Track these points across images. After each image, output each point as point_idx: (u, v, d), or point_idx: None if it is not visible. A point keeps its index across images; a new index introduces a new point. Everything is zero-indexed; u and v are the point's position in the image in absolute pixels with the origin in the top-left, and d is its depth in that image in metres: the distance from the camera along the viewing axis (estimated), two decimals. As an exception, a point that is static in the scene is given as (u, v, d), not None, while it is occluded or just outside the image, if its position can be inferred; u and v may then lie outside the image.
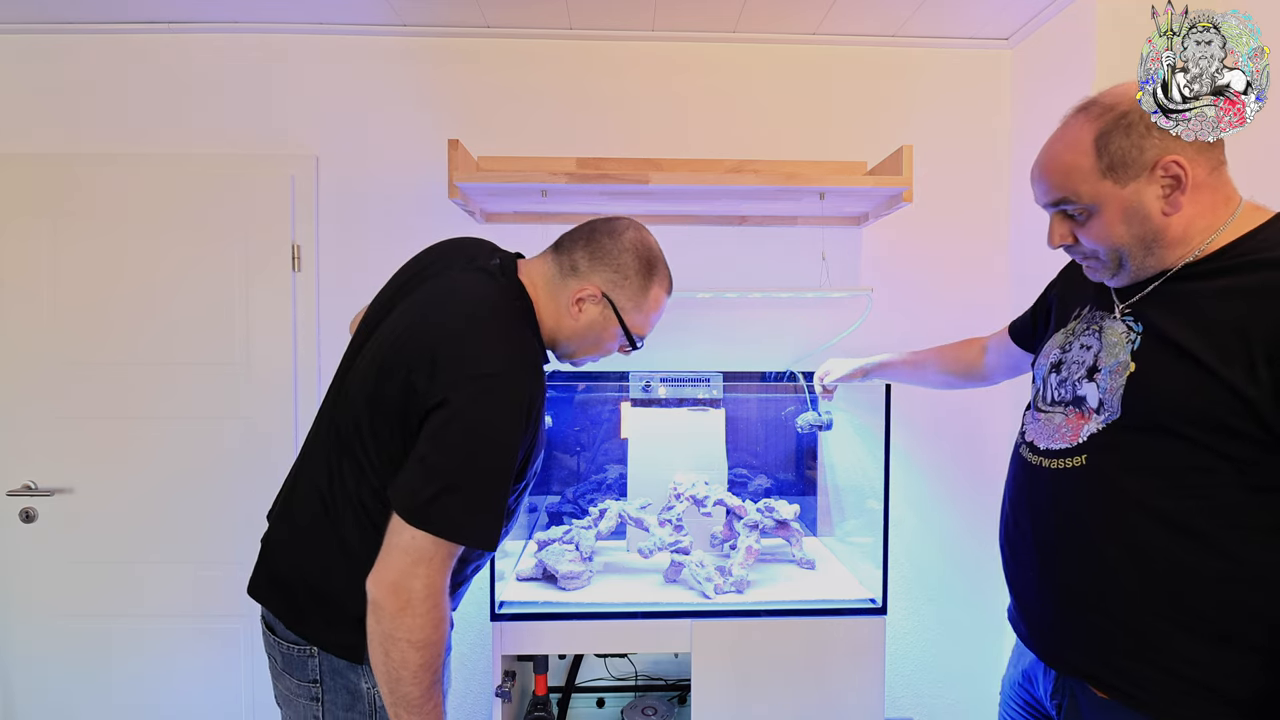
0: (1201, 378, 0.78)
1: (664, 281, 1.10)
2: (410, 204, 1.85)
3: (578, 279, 1.05)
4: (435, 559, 0.88)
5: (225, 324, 1.83)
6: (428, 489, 0.87)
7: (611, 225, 1.08)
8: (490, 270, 1.06)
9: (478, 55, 1.85)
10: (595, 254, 1.05)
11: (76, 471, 1.83)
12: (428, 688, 0.90)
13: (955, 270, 1.92)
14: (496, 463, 0.90)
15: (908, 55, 1.90)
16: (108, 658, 1.86)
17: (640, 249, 1.07)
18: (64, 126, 1.82)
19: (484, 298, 1.00)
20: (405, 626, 0.87)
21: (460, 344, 0.93)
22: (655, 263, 1.08)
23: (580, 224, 1.10)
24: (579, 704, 1.87)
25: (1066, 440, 0.90)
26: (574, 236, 1.08)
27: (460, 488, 0.88)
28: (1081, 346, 0.93)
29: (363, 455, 0.96)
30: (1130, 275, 0.87)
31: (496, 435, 0.90)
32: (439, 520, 0.87)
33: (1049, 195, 0.88)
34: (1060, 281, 1.11)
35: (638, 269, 1.06)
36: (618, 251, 1.05)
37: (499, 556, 1.46)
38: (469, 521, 0.89)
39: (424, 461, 0.89)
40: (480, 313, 0.97)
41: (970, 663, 1.97)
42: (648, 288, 1.07)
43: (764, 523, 1.59)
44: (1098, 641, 0.86)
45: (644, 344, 1.14)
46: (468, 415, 0.89)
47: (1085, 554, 0.86)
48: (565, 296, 1.05)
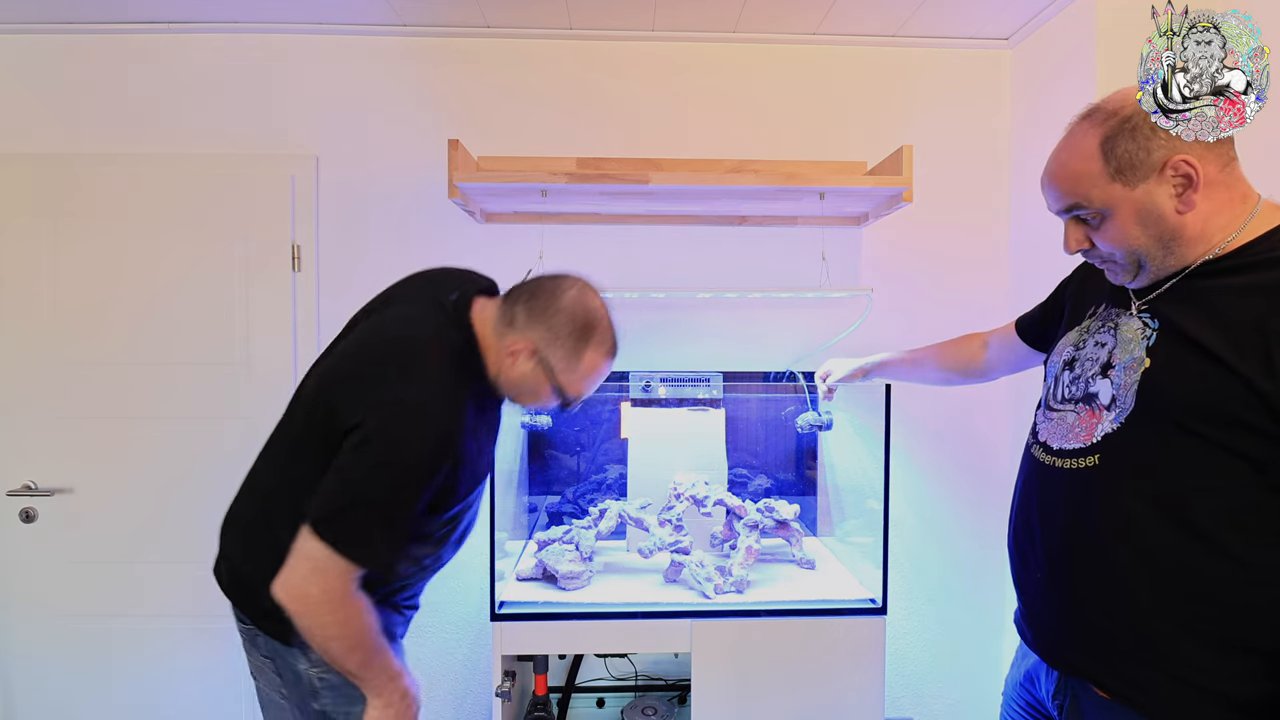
0: (1218, 373, 0.77)
1: (601, 347, 1.09)
2: (410, 204, 1.85)
3: (514, 333, 1.07)
4: (331, 571, 0.93)
5: (225, 324, 1.83)
6: (334, 503, 0.93)
7: (556, 284, 1.08)
8: (443, 304, 1.09)
9: (478, 55, 1.85)
10: (533, 311, 1.06)
11: (76, 471, 1.83)
12: (363, 660, 0.97)
13: (955, 270, 1.92)
14: (400, 491, 0.95)
15: (908, 55, 1.90)
16: (108, 658, 1.86)
17: (578, 312, 1.06)
18: (64, 126, 1.82)
19: (418, 333, 1.04)
20: (312, 626, 0.94)
21: (382, 372, 0.99)
22: (592, 327, 1.07)
23: (533, 277, 1.11)
24: (579, 704, 1.87)
25: (1080, 440, 0.89)
26: (520, 288, 1.10)
27: (362, 509, 0.93)
28: (1096, 343, 0.92)
29: (299, 466, 1.02)
30: (1151, 275, 0.87)
31: (403, 463, 0.94)
32: (337, 535, 0.92)
33: (1061, 202, 0.88)
34: (1075, 280, 1.10)
35: (571, 332, 1.06)
36: (554, 311, 1.06)
37: (499, 556, 1.46)
38: (364, 542, 0.93)
39: (336, 475, 0.94)
40: (409, 346, 1.02)
41: (970, 663, 1.97)
42: (581, 351, 1.07)
43: (764, 523, 1.59)
44: (1101, 643, 0.86)
45: (578, 405, 1.15)
46: (378, 440, 0.94)
47: (1094, 555, 0.86)
48: (503, 346, 1.08)
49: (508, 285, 1.14)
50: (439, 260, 1.83)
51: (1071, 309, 1.06)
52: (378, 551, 0.95)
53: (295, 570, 0.94)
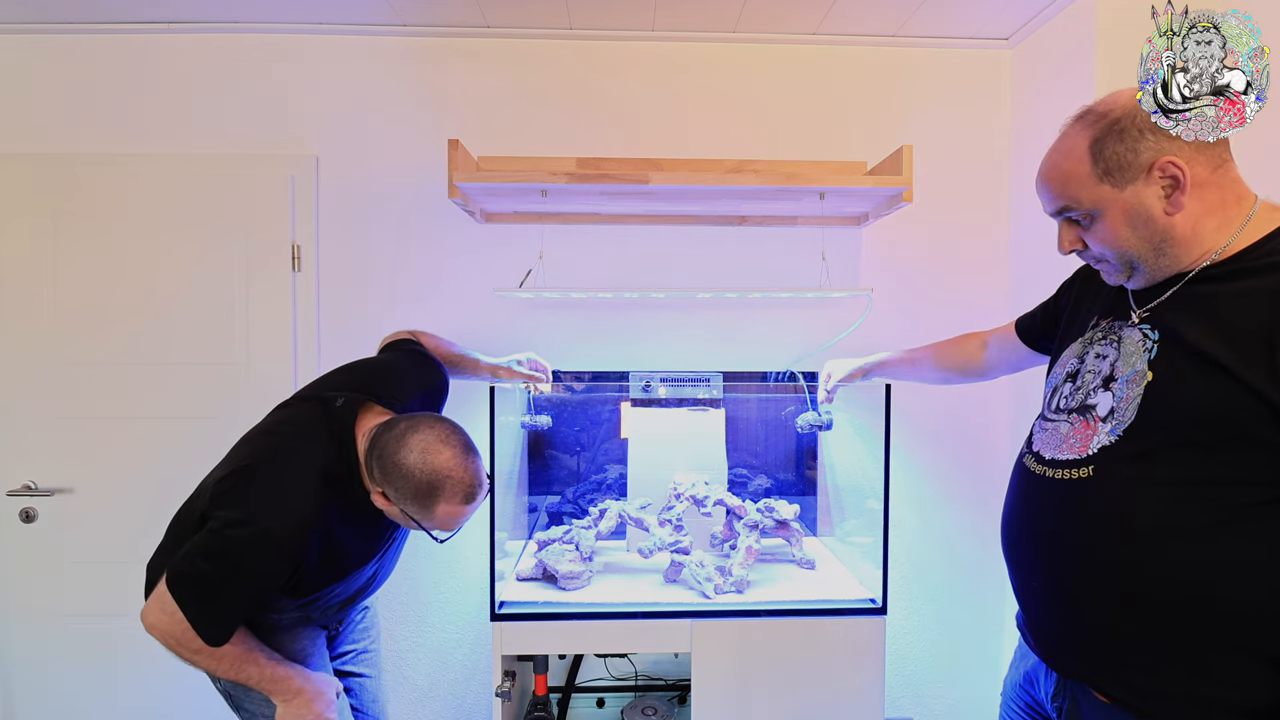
0: (1224, 383, 0.77)
1: (452, 499, 1.09)
2: (410, 204, 1.85)
3: (373, 482, 1.12)
4: (179, 624, 1.03)
5: (225, 324, 1.83)
6: (185, 568, 1.04)
7: (400, 444, 1.08)
8: (329, 409, 1.17)
9: (478, 55, 1.85)
10: (383, 469, 1.09)
11: (76, 471, 1.83)
12: (244, 676, 1.10)
13: (955, 270, 1.92)
14: (229, 591, 1.04)
15: (908, 55, 1.90)
16: (108, 658, 1.86)
17: (420, 476, 1.07)
18: (64, 126, 1.82)
19: (283, 443, 1.15)
20: (183, 654, 1.06)
21: (244, 476, 1.09)
22: (438, 488, 1.07)
23: (380, 429, 1.12)
24: (579, 704, 1.87)
25: (1075, 451, 0.89)
26: (375, 438, 1.11)
27: (200, 588, 1.04)
28: (1098, 356, 0.92)
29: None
30: (1146, 277, 0.87)
31: (236, 570, 1.04)
32: (181, 598, 1.03)
33: (1052, 204, 0.90)
34: (1077, 284, 1.09)
35: (416, 494, 1.08)
36: (397, 475, 1.08)
37: (499, 556, 1.46)
38: (199, 614, 1.04)
39: (193, 547, 1.05)
40: (266, 456, 1.13)
41: (970, 662, 1.97)
42: (432, 508, 1.09)
43: (764, 523, 1.59)
44: (1101, 650, 0.85)
45: (455, 535, 1.18)
46: (217, 542, 1.03)
47: (1091, 564, 0.86)
48: (369, 484, 1.13)
49: (508, 284, 1.14)
50: (439, 260, 1.86)
51: (1071, 314, 1.06)
52: (213, 629, 1.04)
53: (155, 608, 1.04)
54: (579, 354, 1.89)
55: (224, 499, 1.07)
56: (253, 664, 1.10)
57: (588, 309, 1.89)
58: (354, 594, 1.26)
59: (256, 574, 1.05)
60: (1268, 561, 0.77)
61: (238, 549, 1.03)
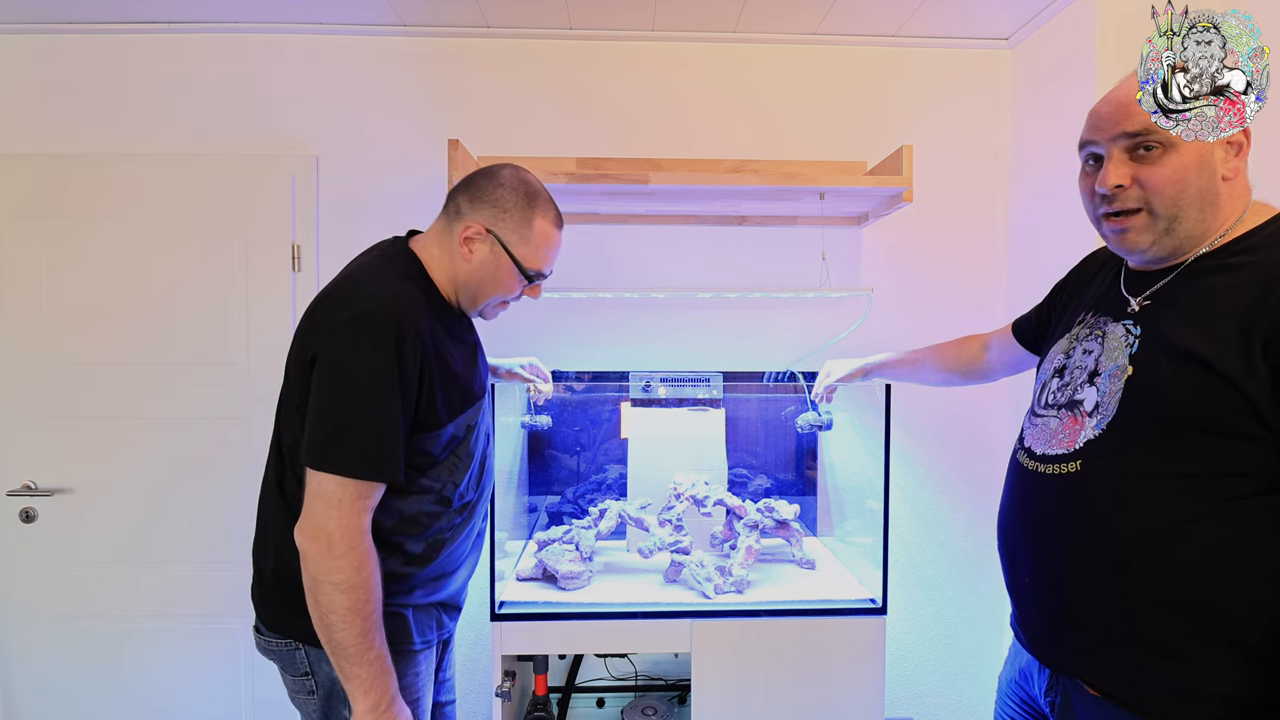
0: (1203, 375, 0.78)
1: (548, 214, 1.12)
2: (410, 204, 1.85)
3: (461, 220, 1.09)
4: (344, 500, 0.93)
5: (225, 324, 1.83)
6: (320, 432, 0.94)
7: (490, 169, 1.11)
8: (379, 247, 1.14)
9: (478, 55, 1.85)
10: (475, 196, 1.09)
11: (76, 471, 1.83)
12: (360, 635, 0.94)
13: (955, 270, 1.92)
14: (373, 396, 0.95)
15: (908, 55, 1.90)
16: (108, 658, 1.86)
17: (518, 184, 1.10)
18: (64, 126, 1.82)
19: (360, 264, 1.09)
20: (327, 569, 0.92)
21: (329, 300, 1.02)
22: (535, 196, 1.11)
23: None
24: (579, 704, 1.87)
25: (1063, 445, 0.90)
26: (457, 188, 1.12)
27: (343, 425, 0.94)
28: (1084, 351, 0.93)
29: (292, 433, 1.03)
30: (1172, 244, 0.85)
31: (363, 365, 0.95)
32: (334, 459, 0.93)
33: (1134, 121, 0.83)
34: (1069, 283, 1.10)
35: (516, 202, 1.09)
36: (494, 188, 1.09)
37: (499, 556, 1.46)
38: (363, 455, 0.94)
39: (313, 409, 0.96)
40: (353, 274, 1.06)
41: (970, 662, 1.97)
42: (530, 219, 1.09)
43: (764, 523, 1.59)
44: (1091, 644, 0.86)
45: (545, 278, 1.16)
46: (334, 356, 0.95)
47: (1080, 558, 0.86)
48: (454, 241, 1.09)
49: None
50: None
51: (1063, 313, 1.07)
52: (381, 460, 0.95)
53: (311, 511, 0.94)
54: (579, 354, 1.89)
55: (318, 323, 0.99)
56: (380, 633, 0.96)
57: (588, 309, 1.89)
58: (474, 494, 1.16)
59: (387, 370, 0.95)
60: (1250, 553, 0.77)
61: (357, 345, 0.94)
